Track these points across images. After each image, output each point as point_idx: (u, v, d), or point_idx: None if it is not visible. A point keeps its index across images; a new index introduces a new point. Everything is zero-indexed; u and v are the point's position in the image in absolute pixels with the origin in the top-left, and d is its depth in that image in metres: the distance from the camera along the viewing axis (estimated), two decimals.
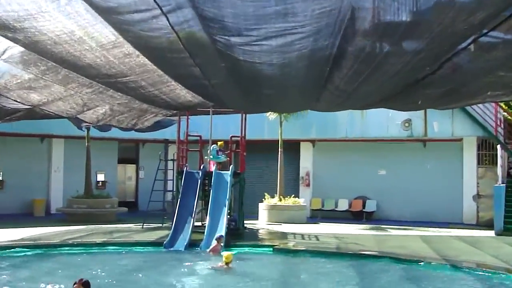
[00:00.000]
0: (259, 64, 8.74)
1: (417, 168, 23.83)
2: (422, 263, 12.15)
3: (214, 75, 10.41)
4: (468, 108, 21.42)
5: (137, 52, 9.18)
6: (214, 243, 13.68)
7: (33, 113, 14.39)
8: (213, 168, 16.73)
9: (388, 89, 10.41)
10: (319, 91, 10.91)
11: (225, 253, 11.54)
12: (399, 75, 8.83)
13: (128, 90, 12.01)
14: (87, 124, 18.45)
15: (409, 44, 7.53)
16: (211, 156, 17.23)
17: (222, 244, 13.56)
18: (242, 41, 7.69)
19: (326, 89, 10.48)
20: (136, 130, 20.33)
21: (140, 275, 11.17)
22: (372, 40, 7.47)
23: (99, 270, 11.28)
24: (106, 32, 8.24)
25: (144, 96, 12.79)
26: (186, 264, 12.47)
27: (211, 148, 17.24)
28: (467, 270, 11.53)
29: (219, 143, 17.53)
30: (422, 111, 22.06)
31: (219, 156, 17.30)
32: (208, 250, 13.58)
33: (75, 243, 14.37)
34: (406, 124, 23.05)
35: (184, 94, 13.00)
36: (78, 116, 15.65)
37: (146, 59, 9.58)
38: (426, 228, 19.94)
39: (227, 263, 11.13)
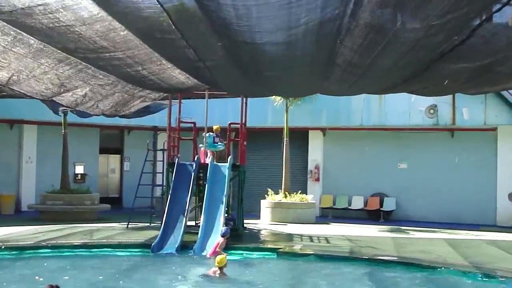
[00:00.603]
0: (261, 45, 8.72)
1: (443, 161, 23.80)
2: (448, 270, 12.08)
3: (209, 56, 10.39)
4: (504, 92, 21.30)
5: (123, 27, 9.14)
6: (220, 239, 13.52)
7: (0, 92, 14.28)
8: (208, 160, 16.63)
9: (409, 65, 10.29)
10: (329, 69, 10.84)
11: (218, 256, 11.44)
12: (420, 45, 8.70)
13: (112, 68, 11.94)
14: (65, 108, 18.38)
15: (433, 5, 7.34)
16: (207, 144, 17.09)
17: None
18: (240, 21, 7.66)
19: (337, 65, 10.42)
20: (121, 116, 20.26)
21: (124, 282, 11.13)
22: (390, 4, 7.38)
23: (76, 276, 11.25)
24: (87, 5, 8.17)
25: (130, 76, 12.72)
26: (177, 269, 12.43)
27: (207, 135, 17.11)
28: (501, 279, 11.45)
29: (214, 127, 17.39)
30: (450, 96, 21.97)
31: (216, 144, 17.18)
32: (213, 248, 13.42)
33: (50, 245, 14.30)
34: (431, 111, 22.97)
35: (177, 75, 12.92)
36: (54, 98, 15.55)
37: (133, 35, 9.53)
38: (453, 231, 19.91)
39: (220, 268, 11.03)
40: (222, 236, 13.48)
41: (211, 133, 17.27)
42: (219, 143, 17.21)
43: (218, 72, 11.97)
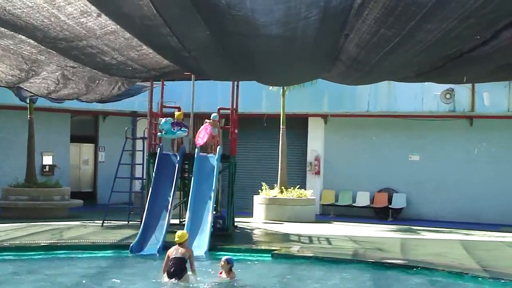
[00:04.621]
0: (255, 38, 8.77)
1: (460, 152, 23.88)
2: (465, 276, 12.13)
3: (196, 46, 10.38)
4: None
5: (98, 11, 9.09)
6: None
7: None
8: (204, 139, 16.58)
9: (422, 63, 10.28)
10: (331, 64, 10.85)
11: (179, 232, 11.45)
12: (438, 44, 8.68)
13: (85, 58, 11.89)
14: (34, 96, 18.24)
15: (456, 5, 7.31)
16: (164, 132, 16.92)
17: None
18: (233, 10, 7.66)
19: (341, 61, 10.41)
20: (100, 101, 20.15)
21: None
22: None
23: (41, 282, 11.23)
24: None
25: (107, 65, 12.66)
26: (159, 273, 12.41)
27: (163, 120, 16.90)
28: None
29: (176, 113, 17.33)
30: None
31: (175, 131, 16.99)
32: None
33: (13, 246, 14.32)
34: (447, 96, 22.97)
35: (159, 59, 12.89)
36: (21, 85, 15.43)
37: (109, 19, 9.49)
38: (470, 231, 20.00)
39: (180, 243, 11.10)
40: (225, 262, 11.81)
41: (169, 118, 17.09)
42: (179, 130, 16.97)
43: (204, 62, 11.96)
